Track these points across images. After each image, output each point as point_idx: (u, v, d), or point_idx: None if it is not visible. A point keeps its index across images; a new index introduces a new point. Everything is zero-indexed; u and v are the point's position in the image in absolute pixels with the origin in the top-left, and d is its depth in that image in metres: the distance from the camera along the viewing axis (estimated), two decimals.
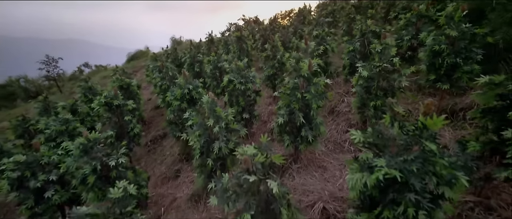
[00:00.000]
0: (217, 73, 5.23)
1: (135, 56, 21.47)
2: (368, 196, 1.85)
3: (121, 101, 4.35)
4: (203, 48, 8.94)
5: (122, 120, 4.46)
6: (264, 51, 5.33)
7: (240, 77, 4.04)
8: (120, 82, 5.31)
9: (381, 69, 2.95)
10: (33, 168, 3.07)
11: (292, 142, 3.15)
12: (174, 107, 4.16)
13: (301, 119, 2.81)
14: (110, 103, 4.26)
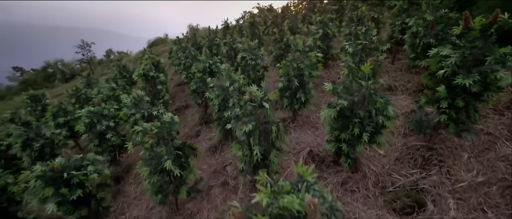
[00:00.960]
0: (232, 53, 6.11)
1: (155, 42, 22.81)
2: (335, 129, 2.70)
3: (154, 73, 5.39)
4: (219, 34, 9.81)
5: (155, 89, 5.52)
6: (273, 35, 6.11)
7: (251, 55, 4.90)
8: (152, 59, 6.36)
9: (363, 46, 3.68)
10: (98, 117, 4.19)
11: (289, 103, 4.01)
12: (196, 79, 5.13)
13: (295, 83, 3.65)
14: (146, 74, 5.30)
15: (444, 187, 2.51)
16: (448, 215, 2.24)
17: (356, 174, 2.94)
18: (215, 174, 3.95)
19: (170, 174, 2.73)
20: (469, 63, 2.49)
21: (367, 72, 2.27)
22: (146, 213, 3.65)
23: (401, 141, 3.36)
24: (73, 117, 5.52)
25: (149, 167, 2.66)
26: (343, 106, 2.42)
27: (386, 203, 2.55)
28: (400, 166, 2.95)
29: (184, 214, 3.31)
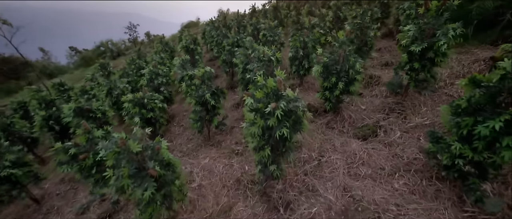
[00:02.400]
0: (255, 32, 7.28)
1: (187, 25, 24.74)
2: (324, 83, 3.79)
3: (194, 46, 6.83)
4: (246, 17, 10.96)
5: (193, 59, 6.98)
6: (291, 17, 7.11)
7: (270, 32, 6.03)
8: (191, 37, 7.83)
9: (359, 25, 4.59)
10: (155, 75, 5.77)
11: (296, 70, 5.13)
12: (226, 52, 6.45)
13: (301, 53, 4.74)
14: (187, 46, 6.77)
15: (396, 125, 3.52)
16: (390, 139, 3.28)
17: (337, 118, 4.04)
18: (237, 120, 5.30)
19: (207, 106, 4.12)
20: (425, 36, 3.37)
21: (341, 38, 3.31)
22: (187, 142, 5.17)
23: (381, 100, 4.32)
24: (133, 78, 7.29)
25: (194, 99, 4.06)
26: (326, 62, 3.51)
27: (353, 134, 3.65)
28: (371, 113, 3.97)
29: (213, 142, 4.74)
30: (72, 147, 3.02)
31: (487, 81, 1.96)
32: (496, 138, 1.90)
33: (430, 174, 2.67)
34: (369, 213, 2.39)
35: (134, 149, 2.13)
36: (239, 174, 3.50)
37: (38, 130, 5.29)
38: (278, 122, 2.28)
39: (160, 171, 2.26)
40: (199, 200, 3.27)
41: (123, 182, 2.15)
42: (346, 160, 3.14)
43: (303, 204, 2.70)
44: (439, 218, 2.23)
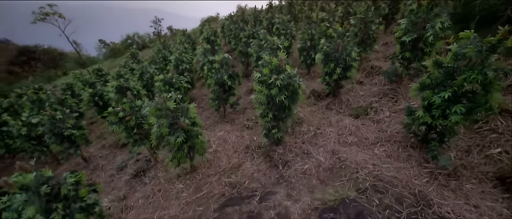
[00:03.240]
0: (270, 26, 7.90)
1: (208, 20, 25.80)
2: (324, 69, 4.37)
3: (214, 38, 7.61)
4: (263, 13, 11.57)
5: (214, 49, 7.77)
6: (305, 12, 7.62)
7: (283, 26, 6.63)
8: (211, 29, 8.63)
9: (362, 19, 5.06)
10: (180, 61, 6.63)
11: (304, 60, 5.71)
12: (242, 44, 7.15)
13: (308, 44, 5.31)
14: (208, 38, 7.56)
15: (387, 107, 4.02)
16: (379, 117, 3.80)
17: (336, 101, 4.60)
18: (249, 103, 5.99)
19: (225, 87, 4.86)
20: (416, 28, 3.82)
21: (339, 30, 3.86)
22: (205, 119, 5.98)
23: (379, 87, 4.79)
24: (159, 65, 8.27)
25: (214, 80, 4.81)
26: (326, 51, 4.09)
27: (348, 114, 4.21)
28: (367, 97, 4.48)
29: (228, 119, 5.49)
30: (121, 111, 3.90)
31: (445, 62, 2.46)
32: (447, 106, 2.42)
33: (406, 143, 3.19)
34: (350, 169, 2.98)
35: (170, 106, 2.91)
36: (248, 142, 4.22)
37: (86, 105, 6.38)
38: (279, 91, 2.94)
39: (188, 125, 3.03)
40: (215, 160, 4.03)
41: (162, 130, 2.95)
42: (337, 132, 3.73)
43: (298, 163, 3.35)
44: (406, 173, 2.77)
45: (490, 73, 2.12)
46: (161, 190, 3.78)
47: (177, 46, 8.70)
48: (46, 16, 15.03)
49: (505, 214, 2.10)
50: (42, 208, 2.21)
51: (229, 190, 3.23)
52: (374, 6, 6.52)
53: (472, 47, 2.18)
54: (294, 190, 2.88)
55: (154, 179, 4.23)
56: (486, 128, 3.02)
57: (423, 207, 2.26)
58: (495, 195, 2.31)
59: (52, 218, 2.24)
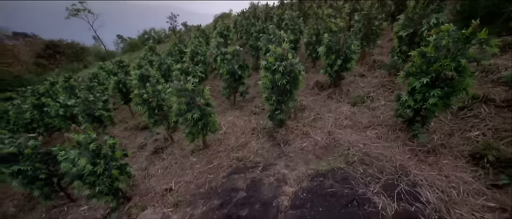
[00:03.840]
0: (280, 22, 8.29)
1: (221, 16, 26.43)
2: (326, 60, 4.76)
3: (226, 32, 8.12)
4: (274, 10, 11.94)
5: (226, 43, 8.28)
6: (313, 9, 7.94)
7: (292, 22, 7.02)
8: (225, 25, 9.14)
9: (366, 15, 5.36)
10: (195, 54, 7.20)
11: (310, 54, 6.09)
12: (253, 38, 7.61)
13: (314, 39, 5.69)
14: (222, 33, 8.08)
15: (383, 96, 4.35)
16: (375, 105, 4.15)
17: (337, 90, 4.97)
18: (258, 93, 6.47)
19: (235, 76, 5.36)
20: (414, 24, 4.11)
21: (340, 25, 4.23)
22: (217, 107, 6.51)
23: (379, 79, 5.10)
24: (176, 58, 8.89)
25: (226, 69, 5.31)
26: (328, 44, 4.46)
27: (347, 102, 4.57)
28: (366, 88, 4.81)
29: (237, 106, 6.00)
30: (145, 93, 4.50)
31: (428, 52, 2.81)
32: (427, 90, 2.77)
33: (395, 127, 3.54)
34: (342, 147, 3.39)
35: (189, 87, 3.44)
36: (254, 125, 4.70)
37: (111, 91, 7.11)
38: (282, 76, 3.39)
39: (203, 104, 3.55)
40: (224, 139, 4.55)
41: (181, 107, 3.49)
42: (335, 117, 4.13)
43: (297, 142, 3.79)
44: (391, 151, 3.14)
45: (463, 60, 2.46)
46: (177, 162, 4.35)
47: (192, 40, 9.31)
48: (78, 12, 16.40)
49: (469, 182, 2.44)
50: (90, 161, 2.82)
51: (236, 163, 3.73)
52: (381, 4, 6.77)
53: (448, 38, 2.53)
54: (292, 162, 3.34)
55: (171, 155, 4.81)
56: (470, 114, 3.32)
57: (400, 176, 2.65)
58: (465, 169, 2.65)
59: (96, 170, 2.84)
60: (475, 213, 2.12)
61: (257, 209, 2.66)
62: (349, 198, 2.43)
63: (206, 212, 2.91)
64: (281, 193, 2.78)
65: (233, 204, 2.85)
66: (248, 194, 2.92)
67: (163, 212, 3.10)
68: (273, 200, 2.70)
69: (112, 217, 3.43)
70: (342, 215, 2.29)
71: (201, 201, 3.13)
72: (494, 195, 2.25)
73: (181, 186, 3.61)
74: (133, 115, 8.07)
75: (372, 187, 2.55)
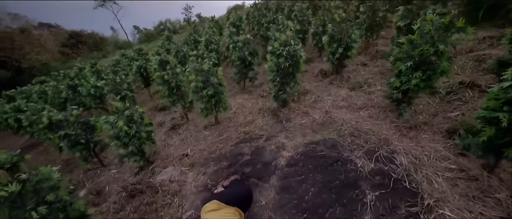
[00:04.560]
0: (290, 13, 8.64)
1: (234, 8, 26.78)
2: (328, 48, 5.16)
3: (239, 23, 8.60)
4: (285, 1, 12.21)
5: (238, 32, 8.78)
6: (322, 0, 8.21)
7: (301, 13, 7.37)
8: (237, 16, 9.61)
9: (370, 8, 5.65)
10: (209, 42, 7.76)
11: (316, 43, 6.47)
12: (264, 28, 8.04)
13: (320, 29, 6.06)
14: (234, 23, 8.57)
15: (380, 82, 4.72)
16: (371, 90, 4.55)
17: (339, 77, 5.37)
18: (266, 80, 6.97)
19: (245, 62, 5.87)
20: (412, 15, 4.41)
21: (343, 16, 4.60)
22: (228, 91, 7.08)
23: (379, 68, 5.43)
24: (191, 46, 9.52)
25: (237, 56, 5.83)
26: (331, 33, 4.85)
27: (347, 87, 4.98)
28: (366, 75, 5.18)
29: (247, 91, 6.54)
30: (165, 74, 5.13)
31: (415, 39, 3.18)
32: (411, 73, 3.16)
33: (386, 108, 3.95)
34: (337, 124, 3.85)
35: (205, 68, 4.01)
36: (261, 106, 5.23)
37: (134, 75, 7.87)
38: (285, 59, 3.87)
39: (216, 83, 4.12)
40: (234, 117, 5.12)
41: (198, 84, 4.07)
42: (333, 100, 4.57)
43: (298, 119, 4.29)
44: (379, 127, 3.57)
45: (441, 46, 2.83)
46: (192, 136, 5.00)
47: (206, 30, 9.88)
48: (104, 2, 17.64)
49: (440, 150, 2.86)
50: (125, 124, 3.49)
51: (243, 135, 4.30)
52: None
53: (429, 26, 2.90)
54: (291, 134, 3.86)
55: (186, 130, 5.46)
56: (455, 98, 3.67)
57: (382, 145, 3.10)
58: (440, 141, 3.05)
59: (130, 132, 3.51)
60: (437, 172, 2.56)
61: (259, 167, 3.23)
62: (335, 159, 2.93)
63: (216, 170, 3.51)
64: (280, 156, 3.32)
65: (239, 164, 3.43)
66: (252, 157, 3.49)
67: (181, 169, 3.75)
68: (272, 161, 3.26)
69: (140, 174, 4.14)
70: (327, 170, 2.80)
71: (213, 163, 3.74)
72: (457, 160, 2.66)
73: (195, 152, 4.24)
74: (152, 97, 8.84)
75: (356, 153, 3.03)
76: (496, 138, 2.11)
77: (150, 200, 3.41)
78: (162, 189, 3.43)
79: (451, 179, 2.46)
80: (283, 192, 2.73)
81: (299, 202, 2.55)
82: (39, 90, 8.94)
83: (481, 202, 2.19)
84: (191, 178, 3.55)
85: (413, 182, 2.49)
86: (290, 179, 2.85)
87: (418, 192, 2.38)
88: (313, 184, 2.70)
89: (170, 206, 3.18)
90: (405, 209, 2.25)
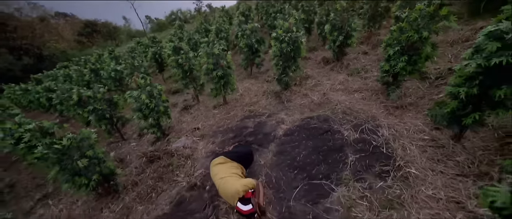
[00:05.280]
0: (298, 4, 8.91)
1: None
2: (330, 37, 5.50)
3: (248, 12, 8.96)
4: None
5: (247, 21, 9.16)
6: None
7: (308, 4, 7.66)
8: (247, 6, 9.96)
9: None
10: (219, 31, 8.21)
11: (321, 32, 6.79)
12: (271, 17, 8.39)
13: (324, 19, 6.37)
14: (243, 12, 8.95)
15: (376, 68, 5.06)
16: (367, 75, 4.91)
17: (339, 64, 5.73)
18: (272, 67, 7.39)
19: (253, 49, 6.31)
20: (408, 6, 4.67)
21: (343, 6, 4.92)
22: (237, 76, 7.57)
23: (378, 56, 5.74)
24: (202, 35, 10.00)
25: (245, 43, 6.28)
26: (333, 22, 5.19)
27: (345, 73, 5.35)
28: (365, 62, 5.52)
29: (253, 76, 7.00)
30: (179, 58, 5.66)
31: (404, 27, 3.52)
32: (398, 57, 3.53)
33: (378, 91, 4.33)
34: (332, 104, 4.28)
35: (215, 51, 4.50)
36: (265, 89, 5.70)
37: (149, 60, 8.48)
38: (287, 45, 4.29)
39: (225, 65, 4.61)
40: (240, 99, 5.63)
41: (209, 66, 4.58)
42: (332, 84, 4.97)
43: (297, 100, 4.74)
44: (369, 107, 3.97)
45: (424, 33, 3.18)
46: (202, 114, 5.56)
47: (217, 19, 10.31)
48: None
49: (419, 125, 3.25)
50: (147, 97, 4.06)
51: (248, 113, 4.81)
52: None
53: (414, 14, 3.24)
54: (290, 112, 4.33)
55: (197, 110, 6.03)
56: (442, 82, 4.00)
57: (369, 121, 3.52)
58: (420, 119, 3.44)
59: (150, 105, 4.09)
60: (412, 142, 2.98)
61: (260, 137, 3.74)
62: (325, 130, 3.40)
63: (223, 140, 4.06)
64: (278, 128, 3.82)
65: (243, 135, 3.95)
66: (255, 130, 4.00)
67: (193, 139, 4.32)
68: (272, 132, 3.76)
69: (157, 144, 4.76)
70: (318, 138, 3.27)
71: (220, 134, 4.28)
72: (431, 132, 3.06)
73: (205, 127, 4.80)
74: (165, 82, 9.47)
75: (344, 126, 3.48)
76: (458, 109, 2.50)
77: (167, 163, 4.02)
78: (177, 154, 4.02)
79: (422, 147, 2.88)
80: (279, 154, 3.24)
81: (291, 162, 3.05)
82: (64, 73, 9.75)
83: (443, 164, 2.61)
84: (201, 146, 4.12)
85: (390, 149, 2.93)
86: (286, 145, 3.35)
87: (392, 156, 2.82)
88: (305, 148, 3.19)
89: (183, 166, 3.77)
90: (379, 168, 2.71)
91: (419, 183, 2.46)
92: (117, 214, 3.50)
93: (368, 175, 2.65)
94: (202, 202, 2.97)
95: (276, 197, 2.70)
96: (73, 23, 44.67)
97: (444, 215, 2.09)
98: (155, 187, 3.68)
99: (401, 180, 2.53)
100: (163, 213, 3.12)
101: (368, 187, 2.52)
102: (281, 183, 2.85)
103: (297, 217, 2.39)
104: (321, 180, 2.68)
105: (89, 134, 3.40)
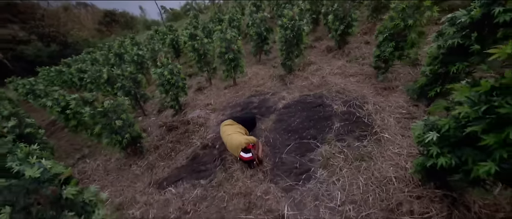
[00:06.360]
0: None
1: None
2: (332, 26, 5.96)
3: (260, 3, 9.45)
4: None
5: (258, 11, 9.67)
6: None
7: None
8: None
9: None
10: (232, 20, 8.79)
11: (326, 22, 7.22)
12: (282, 7, 8.84)
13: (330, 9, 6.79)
14: (255, 3, 9.45)
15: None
16: (364, 61, 5.36)
17: (340, 52, 6.19)
18: None
19: (261, 37, 6.88)
20: None
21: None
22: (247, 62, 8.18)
23: None
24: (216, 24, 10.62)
25: (255, 31, 6.84)
26: (336, 12, 5.64)
27: (344, 60, 5.83)
28: (365, 51, 5.94)
29: (261, 62, 7.58)
30: (196, 44, 6.34)
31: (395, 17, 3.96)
32: (387, 43, 3.99)
33: (371, 75, 4.80)
34: (329, 85, 4.81)
35: (228, 37, 5.13)
36: (271, 73, 6.29)
37: (167, 47, 9.26)
38: (291, 32, 4.84)
39: (236, 49, 5.24)
40: (249, 81, 6.26)
41: (222, 50, 5.22)
42: (331, 69, 5.48)
43: (299, 82, 5.31)
44: (361, 88, 4.47)
45: (409, 21, 3.63)
46: (214, 93, 6.26)
47: (230, 9, 10.87)
48: None
49: (401, 102, 3.75)
50: (169, 73, 4.78)
51: (255, 92, 5.44)
52: None
53: (402, 4, 3.68)
54: (291, 91, 4.92)
55: (210, 91, 6.74)
56: None
57: (358, 98, 4.05)
58: (403, 97, 3.92)
59: (171, 80, 4.81)
60: (391, 115, 3.50)
61: (263, 109, 4.38)
62: (318, 104, 3.97)
63: (232, 113, 4.73)
64: (279, 103, 4.43)
65: (249, 108, 4.61)
66: (259, 104, 4.64)
67: (206, 111, 5.04)
68: (273, 106, 4.38)
69: (175, 117, 5.53)
70: (311, 110, 3.87)
71: (229, 108, 4.96)
72: (409, 108, 3.56)
73: (217, 103, 5.50)
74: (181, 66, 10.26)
75: (335, 101, 4.04)
76: (425, 85, 3.01)
77: (183, 130, 4.76)
78: (192, 122, 4.75)
79: (398, 118, 3.40)
80: (277, 122, 3.87)
81: (286, 127, 3.68)
82: (91, 58, 10.79)
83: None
84: (213, 117, 4.83)
85: (370, 119, 3.47)
86: (284, 115, 3.97)
87: (371, 124, 3.37)
88: (299, 117, 3.79)
89: (198, 132, 4.50)
90: (358, 132, 3.27)
91: (389, 144, 3.01)
92: (143, 168, 4.30)
93: (348, 137, 3.23)
94: (213, 156, 3.68)
95: (272, 152, 3.35)
96: (93, 13, 46.66)
97: (401, 164, 2.66)
98: (174, 148, 4.44)
99: (375, 142, 3.09)
100: (181, 165, 3.87)
101: (347, 146, 3.11)
102: (277, 142, 3.49)
103: (287, 164, 3.04)
104: (309, 139, 3.29)
105: (123, 100, 4.18)
